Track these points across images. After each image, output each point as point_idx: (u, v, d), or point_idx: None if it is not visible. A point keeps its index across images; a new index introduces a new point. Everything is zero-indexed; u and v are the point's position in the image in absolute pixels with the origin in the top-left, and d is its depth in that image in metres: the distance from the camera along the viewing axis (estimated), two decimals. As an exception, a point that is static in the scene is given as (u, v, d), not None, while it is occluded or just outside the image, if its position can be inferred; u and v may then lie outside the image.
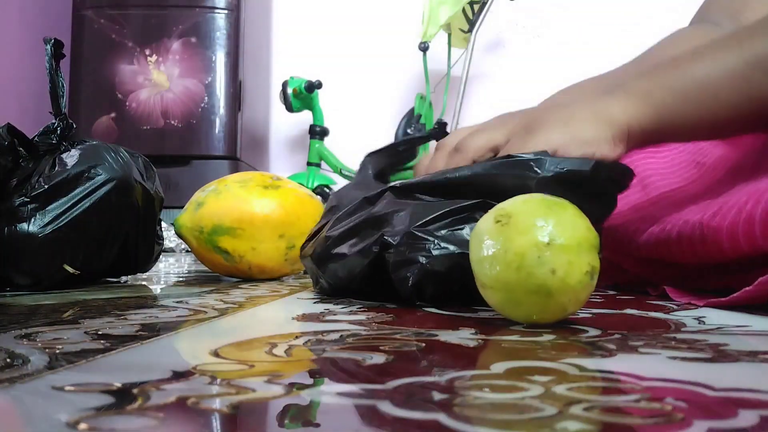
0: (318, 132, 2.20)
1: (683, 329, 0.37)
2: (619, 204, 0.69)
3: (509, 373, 0.25)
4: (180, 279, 0.80)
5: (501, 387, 0.23)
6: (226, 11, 2.04)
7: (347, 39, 2.36)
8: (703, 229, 0.49)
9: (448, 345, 0.32)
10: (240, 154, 2.06)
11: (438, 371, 0.26)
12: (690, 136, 0.57)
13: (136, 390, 0.22)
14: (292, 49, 2.44)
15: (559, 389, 0.22)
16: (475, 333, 0.35)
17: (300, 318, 0.42)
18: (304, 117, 2.27)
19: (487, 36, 2.27)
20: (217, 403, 0.21)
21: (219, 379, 0.24)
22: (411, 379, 0.24)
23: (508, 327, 0.37)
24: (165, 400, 0.21)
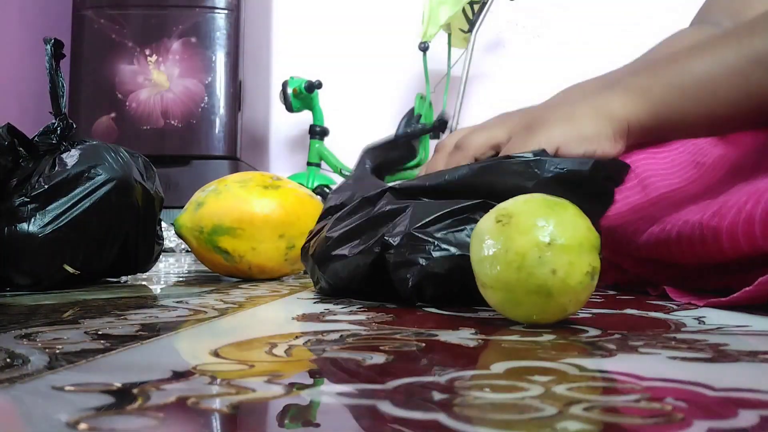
0: (318, 132, 2.20)
1: (683, 329, 0.37)
2: (619, 204, 0.69)
3: (509, 373, 0.25)
4: (180, 279, 0.80)
5: (501, 387, 0.23)
6: (226, 11, 2.04)
7: (347, 39, 2.36)
8: (703, 229, 0.49)
9: (448, 345, 0.32)
10: (240, 154, 2.06)
11: (438, 371, 0.26)
12: (689, 132, 0.57)
13: (136, 390, 0.22)
14: (292, 49, 2.45)
15: (559, 389, 0.22)
16: (475, 333, 0.35)
17: (300, 318, 0.42)
18: (304, 117, 2.27)
19: (487, 36, 2.27)
20: (217, 403, 0.21)
21: (219, 379, 0.24)
22: (411, 379, 0.24)
23: (508, 327, 0.37)
24: (165, 400, 0.21)
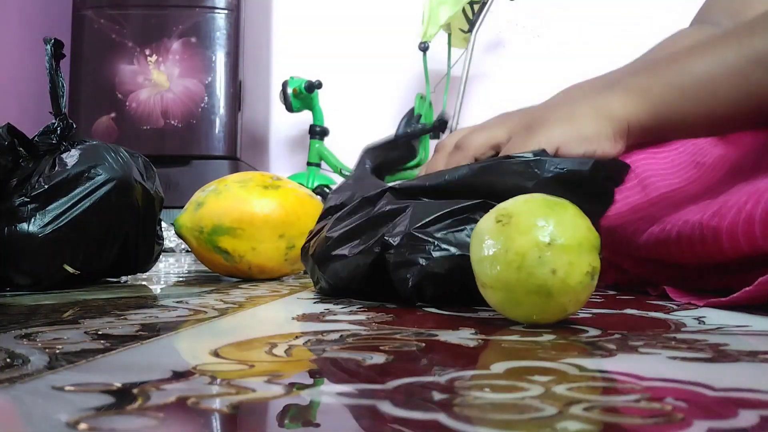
0: (318, 132, 2.20)
1: (683, 329, 0.37)
2: (619, 205, 0.69)
3: (509, 373, 0.25)
4: (180, 279, 0.80)
5: (501, 387, 0.23)
6: (226, 11, 2.04)
7: (347, 39, 2.36)
8: (703, 229, 0.49)
9: (448, 345, 0.32)
10: (240, 154, 2.06)
11: (438, 371, 0.26)
12: (689, 132, 0.56)
13: (136, 390, 0.22)
14: (292, 49, 2.45)
15: (559, 389, 0.22)
16: (475, 333, 0.35)
17: (300, 318, 0.42)
18: (304, 117, 2.27)
19: (487, 36, 2.27)
20: (217, 403, 0.21)
21: (219, 379, 0.24)
22: (411, 379, 0.24)
23: (508, 327, 0.37)
24: (165, 400, 0.21)
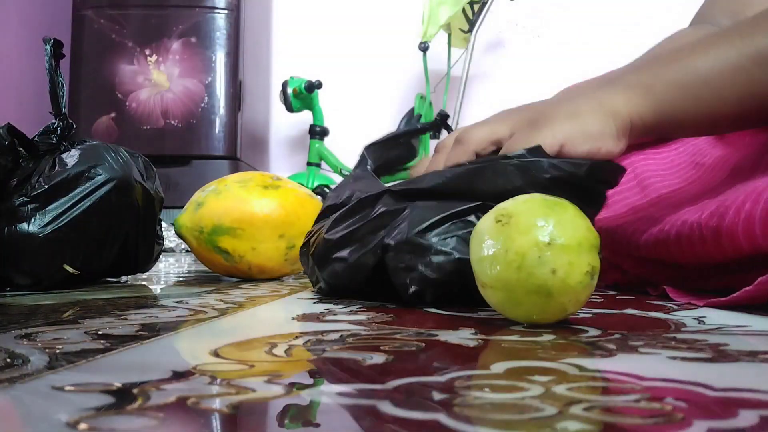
0: (318, 132, 2.20)
1: (683, 329, 0.37)
2: (619, 205, 0.69)
3: (509, 373, 0.25)
4: (180, 279, 0.80)
5: (501, 387, 0.23)
6: (226, 11, 2.04)
7: (347, 39, 2.36)
8: (702, 229, 0.49)
9: (448, 345, 0.32)
10: (240, 154, 2.06)
11: (438, 371, 0.26)
12: (691, 130, 0.56)
13: (136, 390, 0.22)
14: (292, 49, 2.45)
15: (559, 389, 0.22)
16: (475, 333, 0.35)
17: (300, 318, 0.42)
18: (304, 117, 2.27)
19: (487, 36, 2.27)
20: (217, 403, 0.21)
21: (219, 379, 0.24)
22: (411, 379, 0.24)
23: (508, 327, 0.37)
24: (165, 400, 0.21)
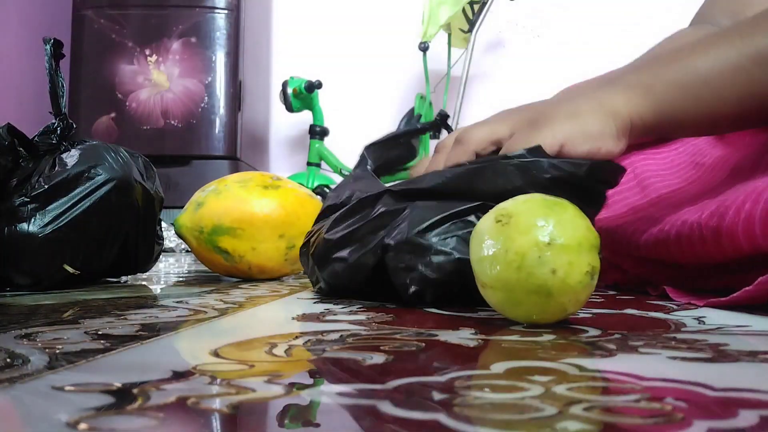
0: (318, 132, 2.20)
1: (683, 329, 0.37)
2: (619, 205, 0.69)
3: (509, 373, 0.25)
4: (180, 279, 0.80)
5: (501, 387, 0.23)
6: (226, 11, 2.04)
7: (347, 39, 2.36)
8: (702, 229, 0.49)
9: (448, 345, 0.32)
10: (240, 154, 2.06)
11: (438, 371, 0.26)
12: (691, 131, 0.56)
13: (136, 390, 0.22)
14: (292, 49, 2.45)
15: (559, 389, 0.22)
16: (475, 333, 0.35)
17: (300, 318, 0.42)
18: (304, 117, 2.27)
19: (487, 36, 2.27)
20: (217, 403, 0.21)
21: (219, 379, 0.24)
22: (411, 379, 0.24)
23: (508, 327, 0.37)
24: (165, 400, 0.21)
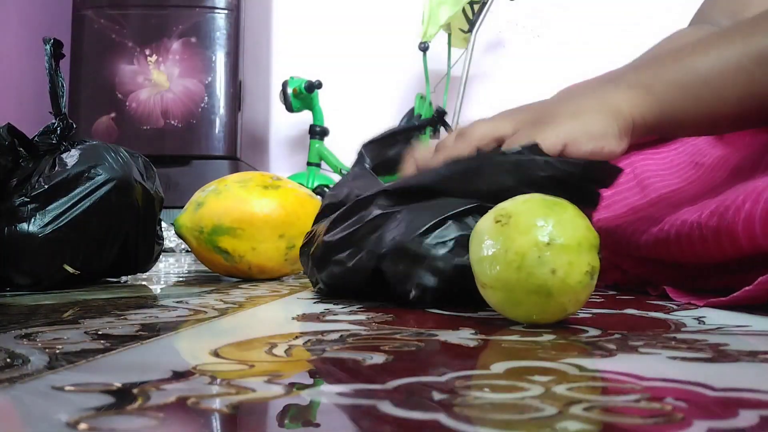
0: (318, 132, 2.20)
1: (683, 329, 0.37)
2: (618, 205, 0.69)
3: (509, 373, 0.25)
4: (180, 279, 0.80)
5: (501, 387, 0.23)
6: (226, 11, 2.04)
7: (347, 39, 2.36)
8: (702, 229, 0.49)
9: (448, 345, 0.32)
10: (240, 154, 2.06)
11: (438, 371, 0.26)
12: (691, 130, 0.56)
13: (136, 390, 0.22)
14: (292, 49, 2.45)
15: (559, 389, 0.22)
16: (475, 333, 0.35)
17: (300, 318, 0.42)
18: (304, 117, 2.27)
19: (487, 36, 2.27)
20: (217, 403, 0.21)
21: (219, 379, 0.24)
22: (411, 379, 0.24)
23: (508, 327, 0.37)
24: (165, 400, 0.21)
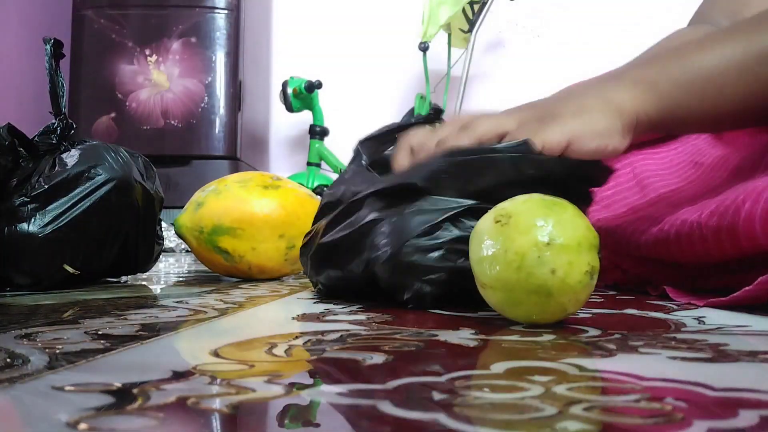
0: (318, 132, 2.20)
1: (683, 329, 0.37)
2: (618, 205, 0.69)
3: (509, 373, 0.25)
4: (180, 279, 0.80)
5: (501, 387, 0.23)
6: (226, 11, 2.04)
7: (347, 39, 2.36)
8: (702, 229, 0.49)
9: (448, 345, 0.32)
10: (240, 154, 2.06)
11: (438, 371, 0.26)
12: (694, 127, 0.56)
13: (136, 390, 0.22)
14: (292, 49, 2.45)
15: (559, 389, 0.22)
16: (475, 333, 0.35)
17: (300, 318, 0.42)
18: (304, 117, 2.27)
19: (487, 36, 2.27)
20: (217, 403, 0.21)
21: (219, 379, 0.24)
22: (411, 379, 0.24)
23: (508, 327, 0.37)
24: (165, 400, 0.21)
